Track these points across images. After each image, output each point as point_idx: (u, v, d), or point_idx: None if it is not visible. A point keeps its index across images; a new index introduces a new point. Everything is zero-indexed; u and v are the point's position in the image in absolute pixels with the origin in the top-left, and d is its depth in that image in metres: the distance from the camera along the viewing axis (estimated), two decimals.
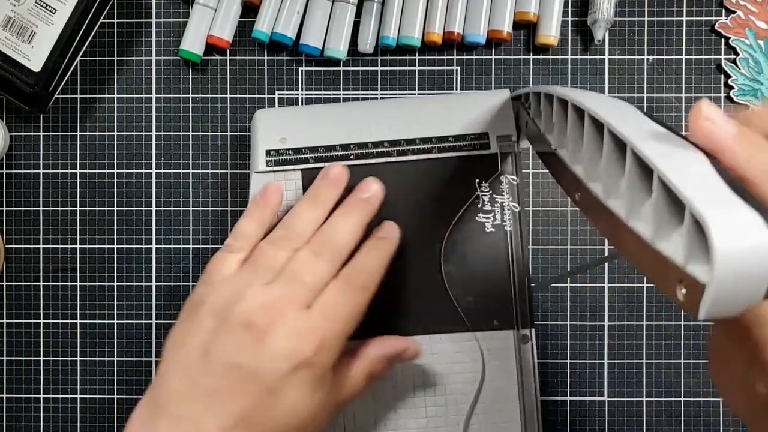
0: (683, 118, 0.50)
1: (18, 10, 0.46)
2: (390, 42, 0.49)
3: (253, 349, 0.38)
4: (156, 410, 0.37)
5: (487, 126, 0.46)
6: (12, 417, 0.50)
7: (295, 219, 0.43)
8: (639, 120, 0.32)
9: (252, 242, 0.43)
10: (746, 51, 0.49)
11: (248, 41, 0.50)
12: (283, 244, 0.41)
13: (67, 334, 0.50)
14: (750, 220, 0.24)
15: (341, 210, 0.43)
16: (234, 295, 0.39)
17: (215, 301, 0.39)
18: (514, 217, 0.46)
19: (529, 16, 0.49)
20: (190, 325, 0.39)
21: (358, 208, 0.43)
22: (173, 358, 0.39)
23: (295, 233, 0.42)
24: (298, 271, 0.40)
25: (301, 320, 0.39)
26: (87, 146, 0.50)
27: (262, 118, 0.47)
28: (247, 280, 0.40)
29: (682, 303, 0.26)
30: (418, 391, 0.45)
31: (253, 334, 0.38)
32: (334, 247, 0.41)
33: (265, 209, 0.44)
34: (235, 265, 0.42)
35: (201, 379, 0.37)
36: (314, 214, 0.43)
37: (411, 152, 0.46)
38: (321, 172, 0.44)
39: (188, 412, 0.37)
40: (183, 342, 0.39)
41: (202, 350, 0.38)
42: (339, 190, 0.44)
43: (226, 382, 0.37)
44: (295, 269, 0.40)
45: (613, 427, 0.49)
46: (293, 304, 0.39)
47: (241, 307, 0.39)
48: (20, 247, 0.50)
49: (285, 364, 0.38)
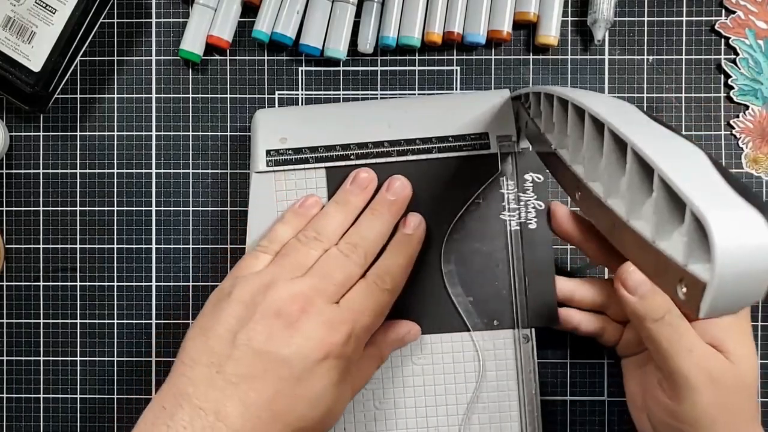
0: (683, 118, 0.50)
1: (18, 10, 0.46)
2: (390, 42, 0.49)
3: (283, 335, 0.38)
4: (177, 399, 0.37)
5: (487, 126, 0.46)
6: (12, 417, 0.50)
7: (325, 221, 0.43)
8: (639, 119, 0.32)
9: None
10: (746, 51, 0.49)
11: (248, 41, 0.50)
12: (312, 244, 0.42)
13: (67, 334, 0.50)
14: (751, 219, 0.24)
15: (370, 212, 0.44)
16: (263, 286, 0.40)
17: (244, 291, 0.40)
18: (538, 215, 0.46)
19: (529, 16, 0.49)
20: (217, 314, 0.39)
21: (386, 210, 0.44)
22: (198, 347, 0.39)
23: (324, 235, 0.43)
24: (328, 268, 0.41)
25: (331, 311, 0.39)
26: (87, 146, 0.50)
27: (262, 118, 0.47)
28: (276, 273, 0.41)
29: (683, 302, 0.26)
30: (418, 390, 0.45)
31: (284, 321, 0.38)
32: (363, 248, 0.42)
33: (302, 218, 0.44)
34: (265, 264, 0.42)
35: (227, 366, 0.37)
36: (343, 217, 0.44)
37: (411, 152, 0.46)
38: (350, 176, 0.45)
39: (212, 401, 0.37)
40: (209, 330, 0.39)
41: (230, 338, 0.38)
42: (368, 195, 0.45)
43: (254, 369, 0.37)
44: (324, 267, 0.41)
45: (613, 427, 0.49)
46: (322, 296, 0.40)
47: (271, 296, 0.39)
48: (20, 247, 0.50)
49: (315, 353, 0.38)
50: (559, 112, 0.39)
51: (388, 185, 0.45)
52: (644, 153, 0.28)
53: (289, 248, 0.42)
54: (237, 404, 0.37)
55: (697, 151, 0.28)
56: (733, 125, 0.49)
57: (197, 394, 0.37)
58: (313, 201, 0.45)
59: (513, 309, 0.45)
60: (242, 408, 0.37)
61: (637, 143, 0.29)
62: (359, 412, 0.45)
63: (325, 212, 0.44)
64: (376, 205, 0.44)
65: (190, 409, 0.36)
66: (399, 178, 0.45)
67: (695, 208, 0.24)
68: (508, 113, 0.46)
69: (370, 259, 0.43)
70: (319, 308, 0.39)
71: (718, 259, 0.23)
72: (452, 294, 0.45)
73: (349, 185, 0.45)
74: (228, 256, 0.50)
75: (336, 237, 0.43)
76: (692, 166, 0.27)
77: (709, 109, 0.50)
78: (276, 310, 0.38)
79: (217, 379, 0.37)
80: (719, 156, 0.50)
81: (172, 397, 0.37)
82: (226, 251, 0.50)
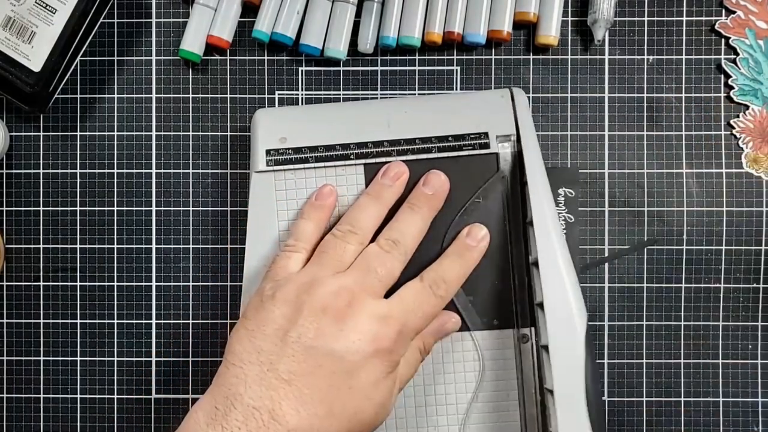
0: (683, 118, 0.50)
1: (18, 10, 0.46)
2: (390, 42, 0.49)
3: (332, 330, 0.38)
4: (229, 399, 0.37)
5: (486, 125, 0.46)
6: (12, 417, 0.50)
7: (359, 214, 0.43)
8: None
9: (312, 242, 0.43)
10: (746, 51, 0.49)
11: (248, 41, 0.50)
12: (349, 238, 0.42)
13: (67, 334, 0.50)
14: None
15: (408, 207, 0.44)
16: (306, 284, 0.40)
17: (287, 292, 0.40)
18: (568, 227, 0.49)
19: (529, 16, 0.49)
20: (263, 316, 0.39)
21: (424, 205, 0.44)
22: (246, 348, 0.38)
23: (360, 228, 0.43)
24: (371, 263, 0.41)
25: (379, 306, 0.40)
26: (87, 146, 0.50)
27: (261, 117, 0.47)
28: (317, 270, 0.41)
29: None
30: (418, 390, 0.45)
31: (332, 315, 0.38)
32: (403, 244, 0.42)
33: (321, 210, 0.44)
34: (300, 263, 0.42)
35: (280, 364, 0.37)
36: (377, 209, 0.44)
37: (411, 152, 0.46)
38: (382, 169, 0.45)
39: (265, 399, 0.37)
40: (256, 331, 0.39)
41: (279, 336, 0.38)
42: (400, 189, 0.45)
43: (307, 366, 0.37)
44: (367, 261, 0.41)
45: (613, 427, 0.49)
46: (368, 291, 0.40)
47: (316, 293, 0.39)
48: (20, 247, 0.50)
49: (366, 345, 0.38)
50: None
51: (425, 180, 0.45)
52: None
53: (326, 244, 0.42)
54: (292, 402, 0.37)
55: None
56: (733, 125, 0.49)
57: (249, 393, 0.37)
58: (329, 189, 0.45)
59: (513, 308, 0.45)
60: (297, 405, 0.37)
61: None
62: None
63: (358, 205, 0.44)
64: (414, 200, 0.44)
65: (243, 409, 0.36)
66: (437, 172, 0.45)
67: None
68: (508, 112, 0.46)
69: (410, 254, 0.43)
70: (366, 302, 0.39)
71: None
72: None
73: (381, 178, 0.45)
74: (228, 256, 0.50)
75: (371, 230, 0.43)
76: None
77: (709, 109, 0.50)
78: (323, 306, 0.38)
79: (270, 377, 0.37)
80: (719, 156, 0.50)
81: (224, 398, 0.37)
82: (226, 251, 0.50)
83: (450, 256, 0.44)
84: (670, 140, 0.50)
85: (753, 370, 0.49)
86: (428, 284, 0.42)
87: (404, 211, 0.44)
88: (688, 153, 0.50)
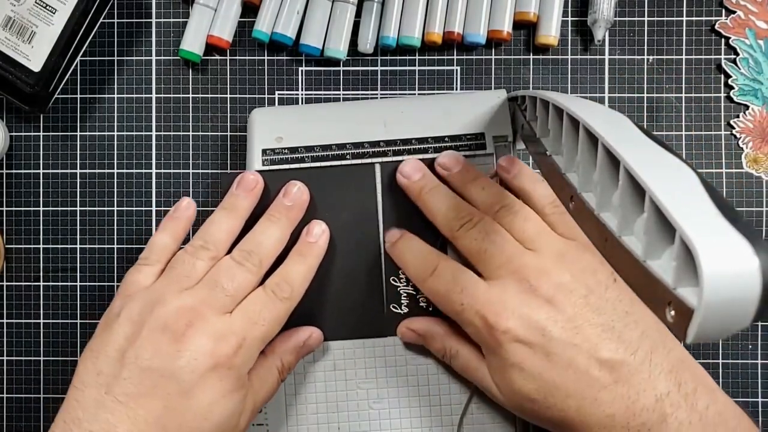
0: (683, 118, 0.50)
1: (18, 10, 0.46)
2: (390, 42, 0.49)
3: (169, 350, 0.37)
4: (67, 424, 0.37)
5: (483, 126, 0.46)
6: (12, 417, 0.50)
7: (212, 228, 0.42)
8: (633, 135, 0.32)
9: (167, 254, 0.43)
10: (746, 51, 0.49)
11: (248, 41, 0.50)
12: (200, 254, 0.41)
13: (67, 334, 0.50)
14: (739, 246, 0.24)
15: (266, 218, 0.43)
16: (150, 302, 0.39)
17: (132, 310, 0.39)
18: None
19: (529, 16, 0.49)
20: (106, 336, 0.39)
21: (283, 216, 0.43)
22: (88, 369, 0.38)
23: (212, 243, 0.42)
24: (219, 278, 0.40)
25: (221, 322, 0.39)
26: (87, 146, 0.50)
27: (258, 117, 0.47)
28: (164, 287, 0.40)
29: (671, 325, 0.26)
30: (413, 391, 0.45)
31: (170, 335, 0.38)
32: (257, 255, 0.41)
33: (178, 222, 0.44)
34: (151, 277, 0.42)
35: (116, 386, 0.37)
36: (231, 223, 0.42)
37: (407, 152, 0.46)
38: (236, 180, 0.44)
39: (102, 422, 0.36)
40: (98, 352, 0.38)
41: (118, 357, 0.38)
42: (254, 198, 0.44)
43: (142, 387, 0.37)
44: (216, 276, 0.40)
45: None
46: (213, 308, 0.39)
47: (158, 312, 0.38)
48: (20, 247, 0.50)
49: (202, 364, 0.37)
50: (554, 119, 0.38)
51: (285, 191, 0.44)
52: (636, 173, 0.28)
53: (176, 260, 0.41)
54: (127, 424, 0.36)
55: (689, 173, 0.28)
56: (733, 125, 0.49)
57: (87, 417, 0.36)
58: (187, 203, 0.44)
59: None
60: (132, 427, 0.36)
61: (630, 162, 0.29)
62: (353, 412, 0.45)
63: (211, 220, 0.43)
64: (272, 211, 0.43)
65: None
66: (296, 183, 0.44)
67: (684, 234, 0.24)
68: (504, 114, 0.46)
69: (267, 266, 0.42)
70: (208, 320, 0.38)
71: (705, 287, 0.23)
72: None
73: (235, 189, 0.44)
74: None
75: (225, 244, 0.42)
76: (683, 189, 0.27)
77: (709, 109, 0.50)
78: (162, 326, 0.38)
79: (107, 400, 0.37)
80: (719, 156, 0.50)
81: (63, 422, 0.37)
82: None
83: (292, 257, 0.43)
84: (670, 140, 0.50)
85: (753, 370, 0.49)
86: (271, 290, 0.41)
87: (262, 223, 0.43)
88: (688, 153, 0.50)
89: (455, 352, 0.43)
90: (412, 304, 0.45)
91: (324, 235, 0.44)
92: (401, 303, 0.45)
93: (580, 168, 0.34)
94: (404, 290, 0.45)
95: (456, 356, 0.43)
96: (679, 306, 0.25)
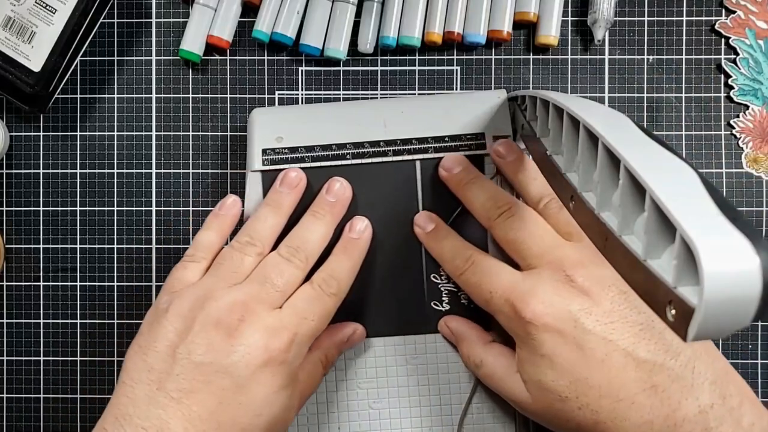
0: (683, 118, 0.50)
1: (18, 10, 0.46)
2: (390, 42, 0.49)
3: (223, 345, 0.37)
4: (118, 420, 0.36)
5: (483, 126, 0.46)
6: (12, 417, 0.50)
7: (258, 225, 0.43)
8: (633, 135, 0.32)
9: (213, 251, 0.43)
10: (746, 51, 0.49)
11: (248, 41, 0.50)
12: (247, 250, 0.42)
13: (67, 334, 0.50)
14: (739, 246, 0.24)
15: (311, 214, 0.43)
16: (200, 298, 0.39)
17: (181, 306, 0.39)
18: None
19: (529, 16, 0.49)
20: (155, 332, 0.39)
21: (326, 212, 0.43)
22: (138, 366, 0.38)
23: (258, 239, 0.42)
24: (268, 274, 0.40)
25: (272, 318, 0.39)
26: (87, 146, 0.50)
27: (258, 116, 0.47)
28: (212, 283, 0.40)
29: (671, 324, 0.26)
30: (413, 390, 0.45)
31: (223, 331, 0.38)
32: (303, 251, 0.42)
33: (223, 219, 0.44)
34: (198, 273, 0.42)
35: (168, 382, 0.37)
36: (275, 219, 0.43)
37: (407, 152, 0.46)
38: (279, 177, 0.44)
39: (154, 419, 0.36)
40: (147, 348, 0.38)
41: (170, 353, 0.38)
42: (298, 195, 0.44)
43: (196, 383, 0.37)
44: (264, 272, 0.40)
45: None
46: (263, 304, 0.39)
47: (209, 307, 0.38)
48: (20, 247, 0.50)
49: (256, 360, 0.37)
50: (554, 119, 0.38)
51: (327, 187, 0.44)
52: (636, 173, 0.28)
53: (223, 256, 0.42)
54: (180, 420, 0.36)
55: (689, 172, 0.28)
56: (733, 125, 0.49)
57: (138, 413, 0.36)
58: (233, 201, 0.44)
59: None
60: (186, 423, 0.36)
61: (630, 161, 0.29)
62: (353, 412, 0.45)
63: (256, 216, 0.43)
64: (316, 207, 0.44)
65: (132, 429, 0.36)
66: (339, 179, 0.45)
67: (685, 233, 0.24)
68: (504, 114, 0.46)
69: (312, 262, 0.42)
70: (260, 315, 0.38)
71: (706, 286, 0.23)
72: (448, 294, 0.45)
73: (278, 186, 0.44)
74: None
75: (270, 240, 0.42)
76: (683, 188, 0.27)
77: (709, 109, 0.50)
78: (215, 321, 0.38)
79: (159, 396, 0.37)
80: (719, 156, 0.50)
81: (113, 418, 0.37)
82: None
83: (336, 253, 0.43)
84: (670, 140, 0.50)
85: (753, 370, 0.49)
86: (318, 285, 0.41)
87: (306, 219, 0.43)
88: (688, 153, 0.50)
89: (479, 361, 0.43)
90: (453, 301, 0.45)
91: (367, 231, 0.44)
92: (442, 300, 0.45)
93: (580, 168, 0.34)
94: (445, 287, 0.45)
95: (480, 365, 0.43)
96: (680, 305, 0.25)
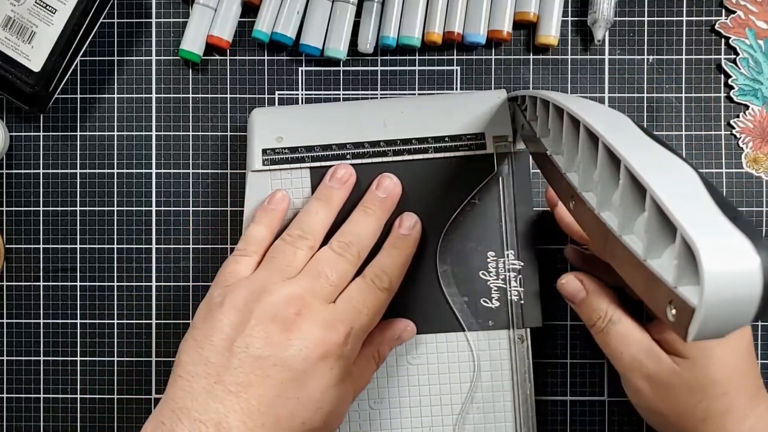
0: (683, 118, 0.50)
1: (18, 10, 0.46)
2: (390, 42, 0.49)
3: (280, 338, 0.37)
4: (176, 413, 0.36)
5: (483, 126, 0.46)
6: (12, 417, 0.50)
7: (309, 218, 0.43)
8: (633, 134, 0.32)
9: (264, 246, 0.43)
10: (746, 51, 0.49)
11: (248, 41, 0.50)
12: (299, 243, 0.42)
13: (67, 334, 0.50)
14: (739, 245, 0.24)
15: (361, 209, 0.44)
16: (255, 291, 0.39)
17: (236, 299, 0.39)
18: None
19: (529, 16, 0.49)
20: (210, 324, 0.39)
21: (377, 208, 0.44)
22: (194, 359, 0.38)
23: (310, 233, 0.42)
24: (322, 268, 0.41)
25: (327, 311, 0.39)
26: (87, 146, 0.50)
27: (258, 116, 0.47)
28: (267, 276, 0.40)
29: (672, 324, 0.26)
30: (413, 390, 0.45)
31: (280, 324, 0.38)
32: (355, 246, 0.42)
33: (273, 214, 0.44)
34: (250, 267, 0.42)
35: (226, 376, 0.37)
36: (326, 213, 0.43)
37: (407, 152, 0.46)
38: (329, 171, 0.45)
39: (212, 413, 0.36)
40: (204, 341, 0.38)
41: (227, 346, 0.38)
42: (348, 190, 0.44)
43: (254, 376, 0.37)
44: (318, 266, 0.41)
45: (613, 427, 0.49)
46: (318, 298, 0.39)
47: (265, 300, 0.38)
48: (20, 247, 0.50)
49: (314, 353, 0.38)
50: (554, 119, 0.38)
51: (378, 183, 0.45)
52: (637, 172, 0.28)
53: (276, 250, 0.42)
54: (239, 414, 0.36)
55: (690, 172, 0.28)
56: (733, 125, 0.49)
57: (196, 407, 0.36)
58: (281, 195, 0.45)
59: (509, 310, 0.45)
60: (244, 417, 0.36)
61: (630, 161, 0.29)
62: (353, 412, 0.45)
63: (307, 210, 0.43)
64: (367, 203, 0.44)
65: (190, 423, 0.36)
66: (389, 176, 0.45)
67: (685, 233, 0.24)
68: (504, 114, 0.46)
69: (363, 257, 0.42)
70: (316, 309, 0.39)
71: (706, 286, 0.23)
72: (447, 294, 0.45)
73: (329, 181, 0.44)
74: (228, 256, 0.50)
75: (321, 234, 0.43)
76: (684, 188, 0.27)
77: (709, 109, 0.50)
78: (272, 315, 0.38)
79: (217, 389, 0.36)
80: (719, 156, 0.50)
81: (170, 411, 0.37)
82: (226, 251, 0.50)
83: (386, 248, 0.43)
84: (670, 140, 0.50)
85: None
86: (371, 279, 0.41)
87: (357, 214, 0.44)
88: (688, 153, 0.50)
89: (617, 318, 0.41)
90: (503, 298, 0.45)
91: (416, 228, 0.44)
92: (491, 297, 0.45)
93: (580, 167, 0.34)
94: (494, 284, 0.45)
95: (617, 322, 0.41)
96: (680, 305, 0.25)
